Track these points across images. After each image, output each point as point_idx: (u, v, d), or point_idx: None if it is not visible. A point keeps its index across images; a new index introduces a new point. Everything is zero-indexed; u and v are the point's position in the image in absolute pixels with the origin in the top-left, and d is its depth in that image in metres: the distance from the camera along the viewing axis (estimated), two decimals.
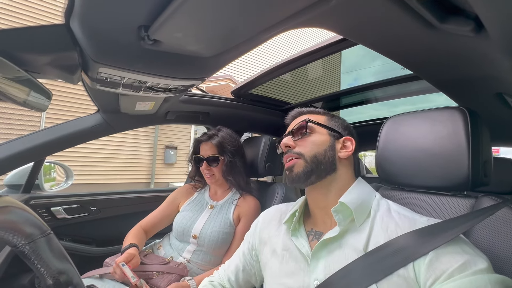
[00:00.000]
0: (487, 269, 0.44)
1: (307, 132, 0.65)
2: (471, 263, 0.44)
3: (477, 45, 0.50)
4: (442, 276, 0.44)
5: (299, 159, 0.62)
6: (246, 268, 0.75)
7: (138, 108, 1.11)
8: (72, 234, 1.37)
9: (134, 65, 0.66)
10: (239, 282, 0.75)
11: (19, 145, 1.06)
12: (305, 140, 0.64)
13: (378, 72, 1.53)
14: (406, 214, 0.56)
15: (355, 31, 0.56)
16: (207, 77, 0.82)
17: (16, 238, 0.35)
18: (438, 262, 0.46)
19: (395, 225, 0.54)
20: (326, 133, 0.66)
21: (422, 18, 0.46)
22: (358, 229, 0.56)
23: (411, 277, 0.47)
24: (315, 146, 0.63)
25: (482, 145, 0.62)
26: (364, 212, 0.58)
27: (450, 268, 0.44)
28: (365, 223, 0.57)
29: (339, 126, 0.68)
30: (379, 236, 0.54)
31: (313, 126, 0.66)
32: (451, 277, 0.43)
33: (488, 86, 0.74)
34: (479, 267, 0.43)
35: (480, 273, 0.43)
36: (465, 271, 0.43)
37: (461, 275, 0.43)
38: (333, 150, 0.64)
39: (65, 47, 0.60)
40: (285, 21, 0.52)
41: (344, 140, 0.67)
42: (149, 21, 0.51)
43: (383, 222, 0.56)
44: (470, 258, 0.45)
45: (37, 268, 0.38)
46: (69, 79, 0.72)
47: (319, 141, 0.64)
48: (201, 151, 1.19)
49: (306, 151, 0.63)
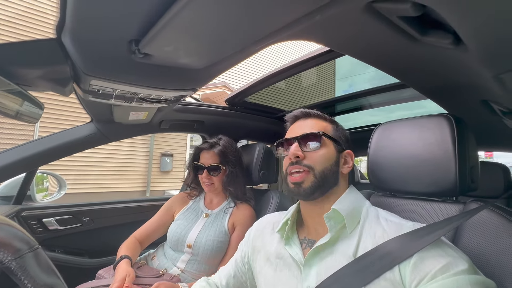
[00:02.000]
0: (468, 270, 0.45)
1: (321, 145, 0.61)
2: (452, 264, 0.46)
3: (457, 57, 0.52)
4: (425, 278, 0.46)
5: (308, 174, 0.60)
6: (237, 275, 0.75)
7: (132, 118, 1.11)
8: (64, 246, 1.34)
9: (126, 78, 0.67)
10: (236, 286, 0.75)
11: (12, 156, 1.05)
12: (316, 153, 0.61)
13: (372, 78, 1.55)
14: (393, 220, 0.58)
15: (340, 43, 0.58)
16: (199, 88, 0.83)
17: (2, 254, 0.35)
18: (422, 265, 0.47)
19: (382, 231, 0.55)
20: (333, 147, 0.64)
21: (404, 32, 0.48)
22: (348, 236, 0.57)
23: (397, 280, 0.48)
24: (325, 160, 0.61)
25: (468, 151, 0.63)
26: (355, 219, 0.59)
27: (433, 269, 0.46)
28: (355, 230, 0.58)
29: (343, 138, 0.67)
30: (367, 242, 0.55)
31: (324, 140, 0.62)
32: (434, 278, 0.45)
33: (473, 94, 0.76)
34: (460, 268, 0.45)
35: (461, 273, 0.44)
36: (447, 272, 0.45)
37: (443, 276, 0.45)
38: (338, 165, 0.63)
39: (56, 60, 0.60)
40: (274, 34, 0.54)
41: (346, 155, 0.66)
42: (139, 35, 0.52)
43: (371, 228, 0.57)
44: (452, 259, 0.47)
45: (24, 284, 0.37)
46: (61, 91, 0.72)
47: (328, 155, 0.62)
48: (202, 159, 1.18)
49: (316, 165, 0.60)
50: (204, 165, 1.15)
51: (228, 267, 0.78)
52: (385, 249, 0.51)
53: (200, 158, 1.18)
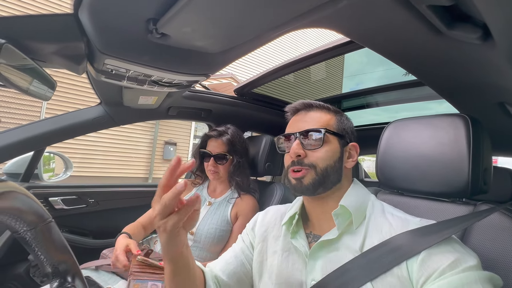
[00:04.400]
0: (476, 266, 0.45)
1: (323, 143, 0.59)
2: (461, 260, 0.45)
3: (483, 53, 0.50)
4: (433, 274, 0.45)
5: (309, 171, 0.59)
6: (245, 265, 0.70)
7: (141, 102, 1.11)
8: (69, 225, 1.37)
9: (141, 58, 0.66)
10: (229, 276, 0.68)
11: (20, 134, 1.06)
12: (318, 151, 0.59)
13: (380, 78, 1.53)
14: (399, 215, 0.57)
15: (362, 34, 0.56)
16: (212, 74, 0.82)
17: (18, 224, 0.35)
18: (430, 261, 0.47)
19: (389, 226, 0.55)
20: (337, 142, 0.62)
21: (429, 24, 0.47)
22: (354, 232, 0.57)
23: (404, 276, 0.48)
24: (328, 158, 0.59)
25: (483, 152, 0.62)
26: (361, 215, 0.58)
27: (441, 266, 0.45)
28: (361, 226, 0.57)
29: (348, 130, 0.65)
30: (374, 237, 0.55)
31: (327, 136, 0.60)
32: (443, 274, 0.44)
33: (490, 95, 0.74)
34: (469, 264, 0.45)
35: (469, 270, 0.44)
36: (455, 268, 0.44)
37: (451, 272, 0.44)
38: (341, 160, 0.62)
39: (72, 37, 0.60)
40: (293, 21, 0.53)
41: (350, 148, 0.64)
42: (158, 15, 0.51)
43: (377, 223, 0.56)
44: (460, 256, 0.46)
45: (37, 256, 0.38)
46: (74, 69, 0.72)
47: (331, 152, 0.60)
48: (209, 146, 1.17)
49: (319, 163, 0.59)
50: (211, 153, 1.15)
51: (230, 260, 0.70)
52: (393, 244, 0.51)
53: (207, 146, 1.18)
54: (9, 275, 1.19)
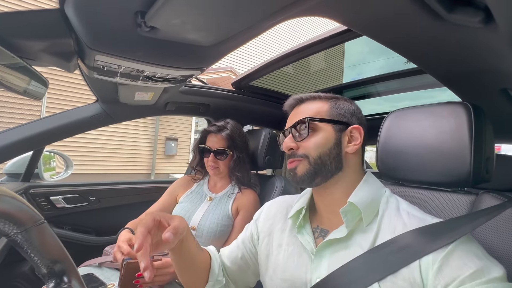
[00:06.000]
0: (501, 278, 0.41)
1: (309, 132, 0.58)
2: (484, 270, 0.41)
3: (485, 38, 0.48)
4: (452, 284, 0.42)
5: (302, 161, 0.58)
6: (245, 256, 0.71)
7: (137, 99, 1.10)
8: (72, 223, 1.38)
9: (131, 53, 0.65)
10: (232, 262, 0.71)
11: (19, 134, 1.06)
12: (308, 141, 0.59)
13: (381, 68, 1.50)
14: (416, 214, 0.53)
15: (359, 22, 0.54)
16: (207, 67, 0.80)
17: (7, 227, 0.35)
18: (448, 268, 0.43)
19: (403, 226, 0.51)
20: (330, 128, 0.59)
21: (429, 8, 0.44)
22: (365, 229, 0.54)
23: (417, 283, 0.44)
24: (319, 146, 0.58)
25: (485, 141, 0.60)
26: (373, 211, 0.55)
27: (461, 275, 0.42)
28: (372, 223, 0.54)
29: (346, 113, 0.61)
30: (386, 236, 0.51)
31: (315, 124, 0.59)
32: (462, 285, 0.41)
33: (493, 81, 0.72)
34: (493, 276, 0.41)
35: (493, 281, 0.40)
36: (477, 279, 0.41)
37: (472, 284, 0.40)
38: (339, 146, 0.59)
39: (59, 33, 0.58)
40: (287, 8, 0.51)
41: (352, 131, 0.60)
42: (145, 7, 0.49)
43: (391, 222, 0.53)
44: (483, 265, 0.42)
45: (31, 257, 0.38)
46: (65, 67, 0.71)
47: (323, 139, 0.58)
48: (208, 142, 1.16)
49: (310, 152, 0.58)
50: (211, 148, 1.14)
51: (232, 249, 0.74)
52: (402, 243, 0.48)
53: (207, 141, 1.17)
54: (14, 273, 1.20)
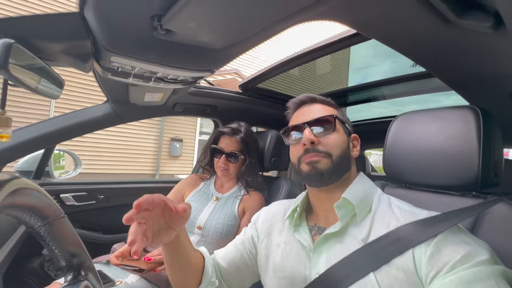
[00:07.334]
0: (489, 260, 0.43)
1: (335, 128, 0.61)
2: (472, 254, 0.44)
3: (495, 42, 0.49)
4: (444, 268, 0.44)
5: (325, 157, 0.58)
6: (244, 256, 0.71)
7: (147, 99, 1.12)
8: (81, 221, 1.40)
9: (146, 55, 0.67)
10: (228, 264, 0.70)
11: (30, 133, 1.08)
12: (329, 138, 0.60)
13: (387, 72, 1.50)
14: (406, 209, 0.56)
15: (369, 25, 0.55)
16: (217, 69, 0.82)
17: (33, 220, 0.36)
18: (440, 254, 0.45)
19: (396, 220, 0.54)
20: (343, 131, 0.64)
21: (439, 13, 0.45)
22: (359, 224, 0.56)
23: (410, 270, 0.46)
24: (340, 144, 0.60)
25: (494, 145, 0.61)
26: (366, 207, 0.58)
27: (452, 260, 0.44)
28: (366, 218, 0.56)
29: (349, 122, 0.67)
30: (380, 231, 0.54)
31: (337, 124, 0.61)
32: (453, 269, 0.43)
33: (502, 85, 0.72)
34: (481, 258, 0.43)
35: (482, 264, 0.42)
36: (467, 263, 0.43)
37: (463, 267, 0.42)
38: (349, 149, 0.63)
39: (79, 35, 0.60)
40: (299, 13, 0.52)
41: (353, 138, 0.66)
42: (162, 11, 0.51)
43: (384, 217, 0.55)
44: (471, 249, 0.44)
45: (51, 250, 0.39)
46: (81, 67, 0.73)
47: (341, 140, 0.61)
48: (221, 143, 1.17)
49: (334, 150, 0.59)
50: (223, 150, 1.15)
51: (229, 250, 0.73)
52: (397, 234, 0.50)
53: (220, 142, 1.18)
54: (24, 269, 1.23)
